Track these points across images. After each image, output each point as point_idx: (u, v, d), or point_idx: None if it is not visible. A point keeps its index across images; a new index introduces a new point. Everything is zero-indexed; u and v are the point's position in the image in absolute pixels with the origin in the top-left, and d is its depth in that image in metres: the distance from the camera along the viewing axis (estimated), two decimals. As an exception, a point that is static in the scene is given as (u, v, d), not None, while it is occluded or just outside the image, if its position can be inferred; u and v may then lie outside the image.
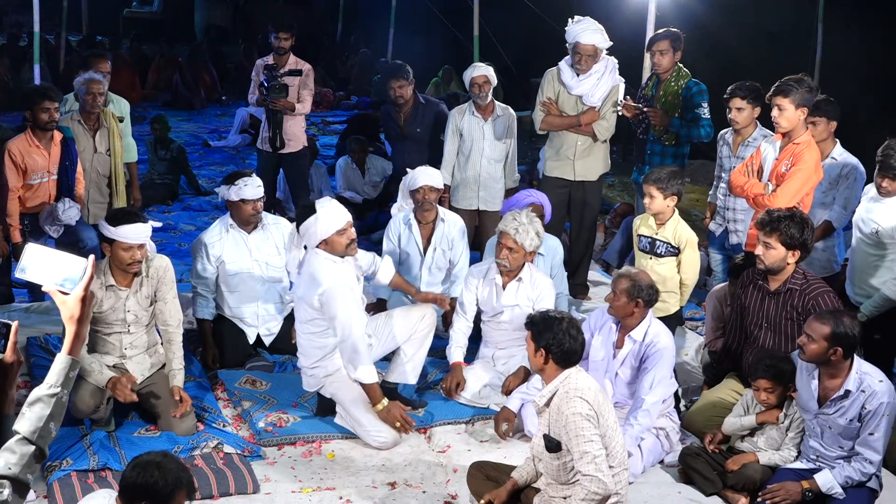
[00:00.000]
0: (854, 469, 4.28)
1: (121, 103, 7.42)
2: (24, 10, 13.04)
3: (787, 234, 4.74)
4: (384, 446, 4.87)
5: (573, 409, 3.81)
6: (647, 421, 4.69)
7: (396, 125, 7.59)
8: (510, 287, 5.48)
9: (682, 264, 5.57)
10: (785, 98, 5.25)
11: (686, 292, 5.65)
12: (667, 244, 5.54)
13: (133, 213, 4.99)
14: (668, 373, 4.81)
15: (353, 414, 4.92)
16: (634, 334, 4.84)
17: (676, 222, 5.54)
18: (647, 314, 4.86)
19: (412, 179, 6.21)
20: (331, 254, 4.92)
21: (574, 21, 6.59)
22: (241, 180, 5.66)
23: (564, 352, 3.92)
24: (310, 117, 10.50)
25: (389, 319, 5.29)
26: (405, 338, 5.25)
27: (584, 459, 3.78)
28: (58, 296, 2.47)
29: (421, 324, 5.26)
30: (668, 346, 4.80)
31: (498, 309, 5.54)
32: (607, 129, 6.82)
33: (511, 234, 5.33)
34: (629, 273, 4.87)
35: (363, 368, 4.85)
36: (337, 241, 4.90)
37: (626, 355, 4.87)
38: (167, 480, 3.15)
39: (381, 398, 4.86)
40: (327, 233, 4.88)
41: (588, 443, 3.78)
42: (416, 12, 14.77)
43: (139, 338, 5.03)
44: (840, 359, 4.22)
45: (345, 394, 4.96)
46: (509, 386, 5.28)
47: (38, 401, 2.41)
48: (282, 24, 7.84)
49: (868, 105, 9.84)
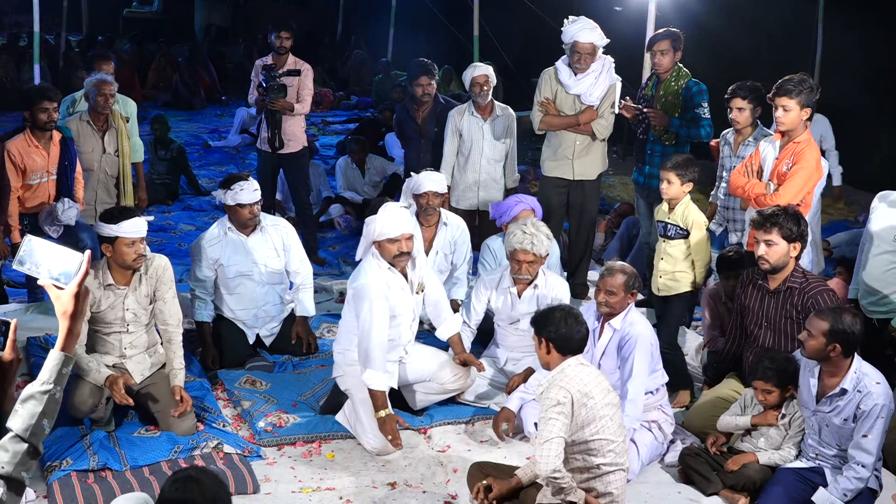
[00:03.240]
0: (848, 478, 4.27)
1: (127, 104, 7.41)
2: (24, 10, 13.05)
3: (786, 227, 4.75)
4: (374, 451, 4.86)
5: (549, 395, 3.92)
6: (635, 411, 4.68)
7: (414, 123, 7.55)
8: (526, 295, 5.46)
9: (691, 245, 5.55)
10: (790, 99, 5.24)
11: (699, 273, 5.58)
12: (676, 227, 5.53)
13: (126, 208, 5.04)
14: (648, 359, 4.77)
15: (359, 412, 4.93)
16: (614, 323, 4.85)
17: (685, 206, 5.52)
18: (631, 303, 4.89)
19: (417, 184, 6.21)
20: (381, 258, 4.96)
21: (570, 21, 6.61)
22: (237, 184, 5.64)
23: (561, 336, 4.01)
24: (310, 117, 10.50)
25: (434, 357, 5.29)
26: (434, 379, 5.24)
27: (537, 440, 3.90)
28: (52, 290, 2.45)
29: (454, 382, 5.25)
30: (643, 333, 4.78)
31: (515, 317, 5.52)
32: (605, 128, 6.82)
33: (528, 248, 5.30)
34: (619, 267, 4.86)
35: (371, 373, 4.83)
36: (387, 247, 4.93)
37: (607, 344, 4.87)
38: (205, 496, 3.14)
39: (383, 406, 4.83)
40: (380, 236, 4.92)
41: (545, 422, 3.88)
42: (416, 12, 14.77)
43: (139, 337, 5.03)
44: (839, 356, 4.23)
45: (358, 391, 4.95)
46: (512, 385, 5.28)
47: (30, 398, 2.40)
48: (282, 24, 7.83)
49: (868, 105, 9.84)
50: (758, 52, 10.99)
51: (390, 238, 4.91)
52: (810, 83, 5.30)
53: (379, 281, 4.91)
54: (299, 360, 5.90)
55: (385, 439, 4.82)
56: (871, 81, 9.97)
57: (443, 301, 5.36)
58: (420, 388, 5.24)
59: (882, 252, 5.32)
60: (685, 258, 5.52)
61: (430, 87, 7.39)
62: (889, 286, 5.32)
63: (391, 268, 4.98)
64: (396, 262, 4.97)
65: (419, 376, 5.23)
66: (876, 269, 5.34)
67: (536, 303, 5.38)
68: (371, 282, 4.89)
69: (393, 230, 4.91)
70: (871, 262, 5.38)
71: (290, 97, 7.66)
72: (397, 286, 5.01)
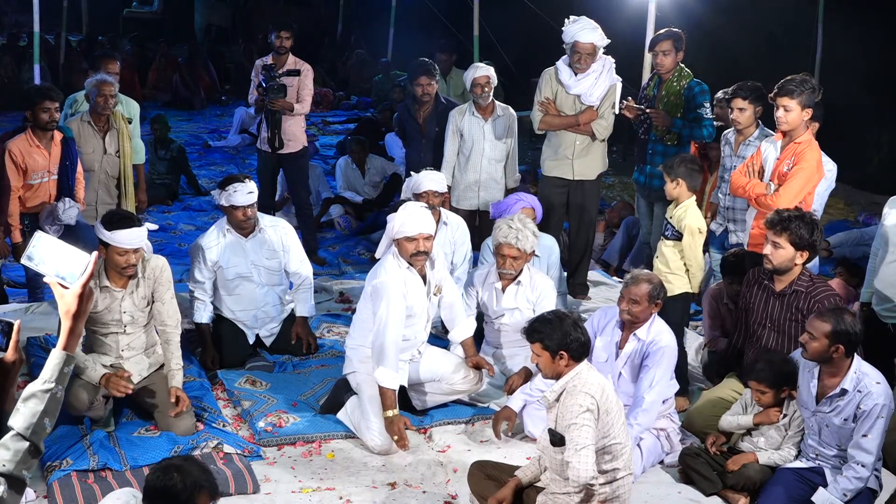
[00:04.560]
0: (848, 478, 4.27)
1: (130, 104, 7.40)
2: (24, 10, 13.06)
3: (796, 234, 4.73)
4: (376, 449, 4.86)
5: (576, 401, 3.85)
6: (647, 420, 4.69)
7: (416, 123, 7.56)
8: (509, 290, 5.53)
9: (682, 249, 5.49)
10: (792, 99, 5.24)
11: (693, 279, 5.52)
12: (672, 228, 5.50)
13: (128, 216, 4.94)
14: (669, 372, 4.80)
15: (366, 408, 4.93)
16: (640, 333, 4.83)
17: (685, 208, 5.45)
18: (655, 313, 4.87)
19: (416, 183, 6.21)
20: (400, 257, 4.99)
21: (570, 21, 6.61)
22: (231, 186, 5.62)
23: (582, 345, 3.96)
24: (310, 117, 10.50)
25: (446, 358, 5.30)
26: (444, 381, 5.24)
27: (569, 447, 3.82)
28: (57, 288, 2.46)
29: (462, 383, 5.25)
30: (669, 345, 4.79)
31: (498, 312, 5.59)
32: (605, 128, 6.82)
33: (512, 243, 5.37)
34: (645, 276, 4.84)
35: (383, 370, 4.85)
36: (405, 245, 4.96)
37: (630, 354, 4.86)
38: (185, 484, 3.20)
39: (392, 406, 4.84)
40: (399, 234, 4.95)
41: (577, 429, 3.80)
42: (416, 12, 14.78)
43: (136, 339, 5.02)
44: (841, 357, 4.23)
45: (369, 387, 4.96)
46: (512, 385, 5.27)
47: (32, 396, 2.40)
48: (282, 24, 7.84)
49: (868, 105, 9.85)
50: (758, 52, 11.00)
51: (408, 236, 4.94)
52: (812, 84, 5.30)
53: (397, 279, 4.95)
54: (299, 360, 5.90)
55: (389, 439, 4.82)
56: (871, 81, 9.98)
57: (458, 304, 5.39)
58: (430, 387, 5.25)
59: (894, 259, 5.23)
60: (678, 260, 5.50)
61: (430, 87, 7.40)
62: None
63: (410, 267, 5.01)
64: (414, 261, 4.99)
65: (430, 376, 5.24)
66: (891, 276, 5.26)
67: (519, 300, 5.45)
68: (390, 280, 4.93)
69: (411, 229, 4.93)
70: (884, 269, 5.28)
71: (290, 97, 7.66)
72: (414, 286, 5.04)
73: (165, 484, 3.21)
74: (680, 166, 5.45)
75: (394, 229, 4.99)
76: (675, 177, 5.44)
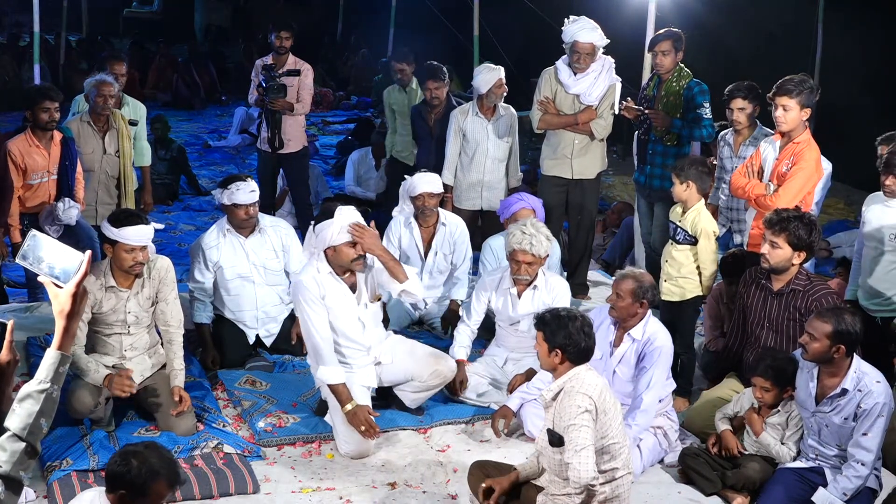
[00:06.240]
0: (848, 477, 4.28)
1: (136, 106, 7.37)
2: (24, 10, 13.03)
3: (795, 234, 4.74)
4: (348, 454, 4.80)
5: (574, 402, 3.84)
6: (646, 421, 4.69)
7: (426, 125, 7.56)
8: (526, 296, 5.45)
9: (697, 253, 5.48)
10: (791, 99, 5.24)
11: (705, 281, 5.52)
12: (685, 232, 5.48)
13: (136, 214, 4.97)
14: (666, 372, 4.81)
15: (333, 417, 4.89)
16: (634, 333, 4.83)
17: (697, 212, 5.43)
18: (648, 313, 4.86)
19: (411, 186, 6.21)
20: (333, 262, 4.86)
21: (570, 21, 6.62)
22: (233, 184, 5.62)
23: (581, 350, 3.94)
24: (310, 117, 10.50)
25: (409, 356, 5.13)
26: (416, 378, 5.12)
27: (569, 448, 3.82)
28: (51, 288, 2.44)
29: (434, 378, 5.12)
30: (665, 345, 4.79)
31: (515, 318, 5.50)
32: (605, 127, 6.82)
33: (526, 248, 5.28)
34: (633, 274, 4.85)
35: (324, 369, 4.81)
36: (345, 251, 4.81)
37: (624, 353, 4.86)
38: (141, 471, 3.21)
39: (347, 400, 4.77)
40: (340, 240, 4.80)
41: (576, 430, 3.80)
42: (416, 12, 14.75)
43: (139, 339, 5.02)
44: (842, 357, 4.23)
45: (330, 397, 4.90)
46: (514, 384, 5.27)
47: (27, 397, 2.39)
48: (282, 24, 7.84)
49: (868, 105, 9.83)
50: (758, 52, 10.99)
51: (349, 241, 4.78)
52: (811, 83, 5.30)
53: (312, 279, 4.81)
54: (299, 360, 5.89)
55: (358, 440, 4.76)
56: (871, 81, 9.97)
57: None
58: (406, 388, 5.18)
59: (879, 254, 5.31)
60: (690, 265, 5.47)
61: (439, 90, 7.41)
62: (895, 286, 5.29)
63: (332, 272, 4.86)
64: (355, 265, 4.87)
65: (398, 377, 5.14)
66: (880, 271, 5.31)
67: (536, 304, 5.36)
68: (303, 278, 4.82)
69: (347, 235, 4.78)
70: (870, 265, 5.35)
71: (290, 97, 7.66)
72: (336, 292, 4.88)
73: (121, 469, 3.23)
74: (690, 168, 5.41)
75: (328, 238, 4.77)
76: (686, 179, 5.40)
